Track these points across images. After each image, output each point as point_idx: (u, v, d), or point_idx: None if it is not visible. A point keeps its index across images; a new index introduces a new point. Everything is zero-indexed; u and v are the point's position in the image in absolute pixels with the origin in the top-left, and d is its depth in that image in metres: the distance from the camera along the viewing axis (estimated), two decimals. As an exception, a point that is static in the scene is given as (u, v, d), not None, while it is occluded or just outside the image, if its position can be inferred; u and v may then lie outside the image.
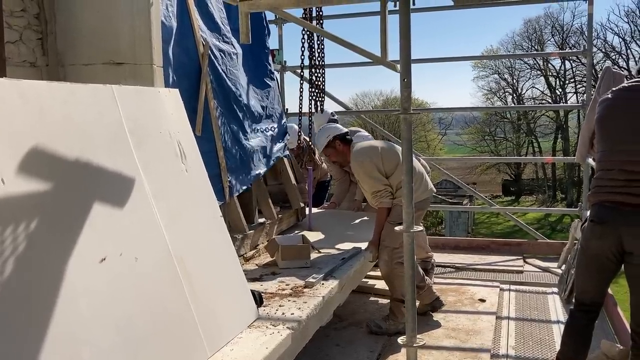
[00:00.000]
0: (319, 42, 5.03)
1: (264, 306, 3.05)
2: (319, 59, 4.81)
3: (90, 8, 2.64)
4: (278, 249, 3.79)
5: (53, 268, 1.84)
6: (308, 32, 4.88)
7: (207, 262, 2.67)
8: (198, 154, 2.89)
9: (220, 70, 3.98)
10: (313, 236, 4.70)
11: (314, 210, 5.29)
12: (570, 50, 34.95)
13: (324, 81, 4.92)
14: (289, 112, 7.10)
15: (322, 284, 3.43)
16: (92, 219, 2.07)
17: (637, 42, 37.35)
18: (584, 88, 39.68)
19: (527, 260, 6.22)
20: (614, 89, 3.04)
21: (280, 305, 3.06)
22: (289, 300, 3.14)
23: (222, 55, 4.04)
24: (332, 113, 5.78)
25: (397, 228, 2.90)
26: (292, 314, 2.93)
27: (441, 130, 48.33)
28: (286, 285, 3.43)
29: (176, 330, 2.30)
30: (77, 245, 1.95)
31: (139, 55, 2.68)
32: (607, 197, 2.83)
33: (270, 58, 4.87)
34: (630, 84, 2.95)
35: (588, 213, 2.86)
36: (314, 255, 4.00)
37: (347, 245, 4.39)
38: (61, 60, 2.73)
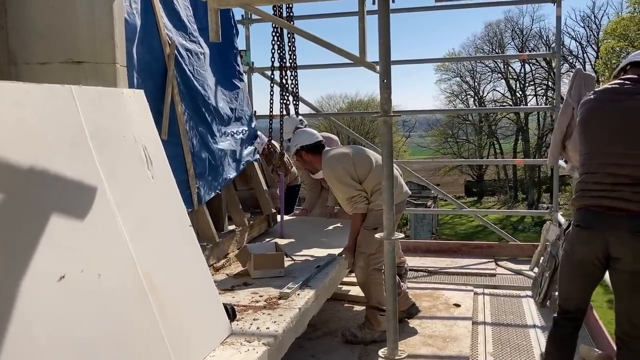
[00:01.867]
0: (290, 43, 4.89)
1: (237, 320, 2.87)
2: (290, 60, 4.66)
3: (44, 1, 2.42)
4: (250, 258, 3.61)
5: (2, 291, 1.63)
6: (279, 32, 4.72)
7: (176, 275, 2.48)
8: (165, 160, 2.71)
9: (187, 71, 3.78)
10: (285, 244, 4.54)
11: (285, 217, 5.13)
12: (538, 52, 35.56)
13: (296, 84, 4.78)
14: (257, 114, 6.93)
15: (298, 294, 3.27)
16: (49, 233, 1.87)
17: (593, 46, 38.33)
18: (543, 90, 40.79)
19: (499, 263, 6.18)
20: (596, 89, 2.97)
21: (254, 319, 2.89)
22: (263, 313, 2.98)
23: (189, 55, 3.85)
24: (300, 120, 5.64)
25: (377, 235, 2.77)
26: (268, 328, 2.77)
27: (405, 133, 48.73)
28: (260, 296, 3.26)
29: (143, 352, 2.12)
30: (32, 263, 1.75)
31: (101, 54, 2.48)
32: (592, 202, 2.75)
33: (238, 58, 4.68)
34: (613, 85, 2.88)
35: (560, 218, 2.83)
36: (288, 263, 3.84)
37: (321, 252, 4.25)
38: (13, 58, 2.50)
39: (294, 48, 4.87)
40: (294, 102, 5.16)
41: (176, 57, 3.66)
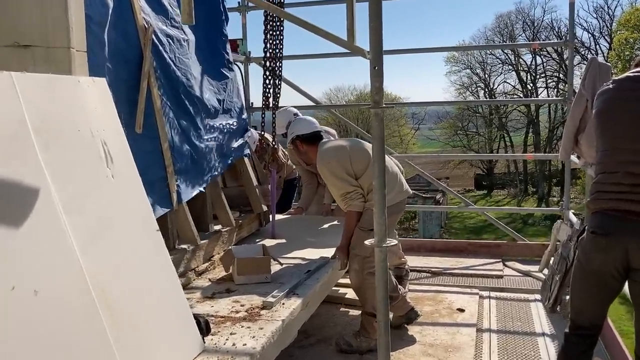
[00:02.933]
0: (276, 29, 4.52)
1: (213, 334, 2.59)
2: (279, 47, 4.36)
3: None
4: (234, 262, 3.33)
5: None
6: (270, 18, 4.41)
7: (137, 288, 2.20)
8: (130, 156, 2.42)
9: (168, 59, 3.49)
10: (276, 244, 4.26)
11: (279, 216, 4.84)
12: (551, 41, 34.99)
13: (280, 74, 4.47)
14: (254, 106, 6.63)
15: (283, 303, 2.98)
16: (-27, 244, 1.60)
17: (606, 37, 37.68)
18: (554, 82, 40.23)
19: (507, 263, 5.87)
20: (616, 78, 2.64)
21: (231, 333, 2.60)
22: (242, 326, 2.69)
23: (170, 41, 3.55)
24: (295, 113, 5.34)
25: (367, 242, 2.47)
26: (245, 344, 2.48)
27: (414, 125, 48.38)
28: (241, 305, 2.97)
29: (92, 379, 1.84)
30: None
31: (53, 37, 2.19)
32: (610, 205, 2.44)
33: (228, 46, 4.38)
34: (634, 73, 2.55)
35: (572, 216, 2.54)
36: (275, 267, 3.55)
37: (314, 254, 3.96)
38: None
39: (281, 36, 4.50)
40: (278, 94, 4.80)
41: (155, 44, 3.37)
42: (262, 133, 4.78)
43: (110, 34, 3.01)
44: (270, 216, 4.53)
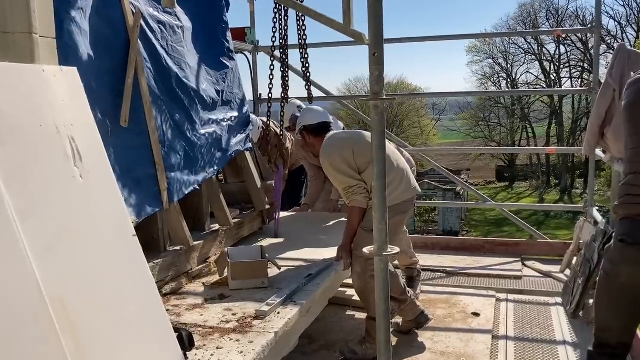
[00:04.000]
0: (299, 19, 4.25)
1: (197, 348, 2.37)
2: (300, 37, 4.10)
3: None
4: (228, 265, 3.10)
5: None
6: (279, 6, 4.12)
7: (106, 300, 1.97)
8: (103, 154, 2.19)
9: (159, 47, 3.26)
10: (278, 244, 4.03)
11: (284, 213, 4.61)
12: (576, 28, 34.11)
13: (307, 64, 4.22)
14: (262, 97, 6.39)
15: (278, 313, 2.74)
16: None
17: (633, 25, 36.72)
18: (578, 73, 39.35)
19: (526, 263, 5.56)
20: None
21: (217, 348, 2.38)
22: (231, 339, 2.46)
23: (162, 28, 3.32)
24: (298, 106, 5.07)
25: (365, 250, 2.21)
26: (230, 361, 2.25)
27: (435, 116, 47.80)
28: (233, 314, 2.74)
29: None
30: None
31: (11, 21, 1.96)
32: (641, 210, 2.15)
33: (228, 34, 4.12)
34: None
35: (596, 214, 2.26)
36: (274, 271, 3.32)
37: (317, 255, 3.72)
38: None
39: (303, 25, 4.22)
40: (306, 86, 4.56)
41: (144, 31, 3.13)
42: (268, 123, 4.53)
43: (93, 20, 2.79)
44: (275, 214, 4.29)
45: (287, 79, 4.32)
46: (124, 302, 2.04)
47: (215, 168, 3.67)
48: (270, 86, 4.27)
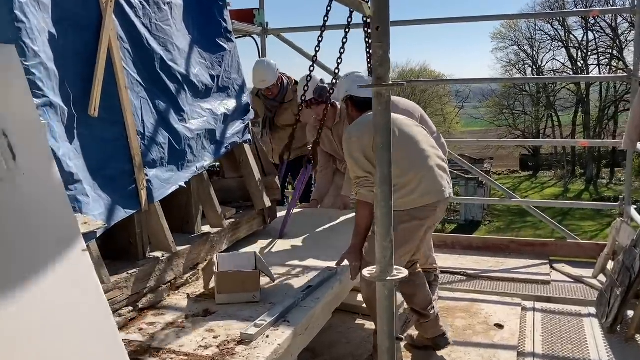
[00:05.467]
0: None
1: (164, 383, 1.98)
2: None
3: None
4: (214, 275, 2.71)
5: None
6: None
7: (43, 332, 1.59)
8: (46, 151, 1.81)
9: (140, 25, 2.86)
10: (279, 247, 3.64)
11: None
12: (615, 7, 32.92)
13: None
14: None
15: (267, 336, 2.33)
16: None
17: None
18: (607, 60, 38.09)
19: (555, 266, 5.09)
20: None
21: (188, 383, 1.99)
22: (206, 372, 2.07)
23: (144, 4, 2.91)
24: (321, 80, 4.68)
25: (366, 273, 1.80)
26: (200, 404, 1.86)
27: (458, 104, 46.96)
28: (214, 337, 2.35)
29: None
30: None
31: None
32: None
33: (226, 12, 3.70)
34: None
35: (635, 214, 1.87)
36: (267, 283, 2.92)
37: (322, 261, 3.32)
38: None
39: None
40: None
41: (121, 6, 2.74)
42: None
43: (56, -8, 2.40)
44: (289, 213, 3.92)
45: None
46: (64, 336, 1.66)
47: (207, 163, 3.27)
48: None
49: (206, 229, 3.33)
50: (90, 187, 2.44)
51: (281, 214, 4.12)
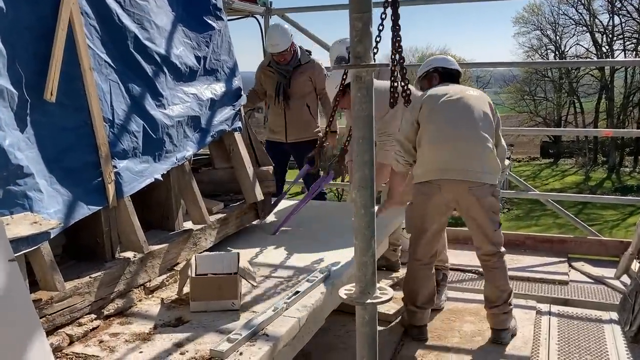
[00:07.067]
0: None
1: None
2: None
3: None
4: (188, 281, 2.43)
5: None
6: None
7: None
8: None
9: (111, 0, 2.56)
10: (271, 245, 3.35)
11: (287, 202, 3.92)
12: None
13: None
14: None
15: (240, 353, 2.05)
16: None
17: None
18: (633, 45, 36.98)
19: (574, 264, 4.75)
20: None
21: (141, 413, 1.71)
22: (165, 397, 1.79)
23: (116, -25, 2.61)
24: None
25: (342, 293, 1.50)
26: None
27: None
28: (181, 353, 2.06)
29: None
30: None
31: None
32: None
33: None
34: None
35: None
36: (250, 288, 2.63)
37: (316, 260, 3.03)
38: None
39: None
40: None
41: (88, -22, 2.44)
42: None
43: (7, -40, 2.11)
44: (293, 209, 3.66)
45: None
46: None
47: (190, 153, 2.98)
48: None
49: (189, 225, 3.05)
50: (46, 181, 2.17)
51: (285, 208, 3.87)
